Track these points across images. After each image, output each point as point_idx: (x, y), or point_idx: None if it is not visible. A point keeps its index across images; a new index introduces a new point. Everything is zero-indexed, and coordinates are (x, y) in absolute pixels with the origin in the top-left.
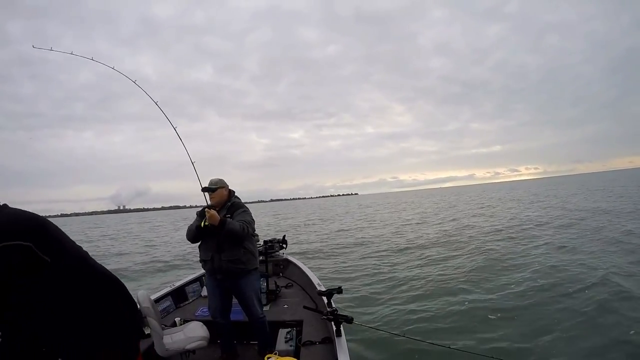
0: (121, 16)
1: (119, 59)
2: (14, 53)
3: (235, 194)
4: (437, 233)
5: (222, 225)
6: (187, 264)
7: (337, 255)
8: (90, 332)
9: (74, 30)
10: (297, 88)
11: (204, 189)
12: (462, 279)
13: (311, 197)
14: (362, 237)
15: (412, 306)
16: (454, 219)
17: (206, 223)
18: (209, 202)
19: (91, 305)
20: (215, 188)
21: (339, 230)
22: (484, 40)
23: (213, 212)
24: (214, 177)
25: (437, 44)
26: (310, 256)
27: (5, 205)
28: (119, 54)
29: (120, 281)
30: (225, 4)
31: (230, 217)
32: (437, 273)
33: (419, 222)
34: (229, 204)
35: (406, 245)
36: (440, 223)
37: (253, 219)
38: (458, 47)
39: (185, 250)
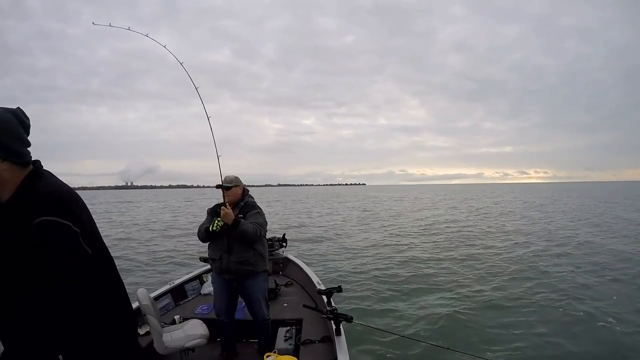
0: None
1: (138, 38)
2: (33, 27)
3: (249, 193)
4: (441, 235)
5: (235, 225)
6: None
7: (337, 254)
8: (95, 337)
9: (92, 8)
10: (311, 76)
11: (218, 186)
12: (463, 280)
13: (319, 185)
14: (364, 237)
15: (412, 306)
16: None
17: (216, 226)
18: (222, 199)
19: (102, 311)
20: (230, 186)
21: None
22: (502, 39)
23: (227, 210)
24: (229, 174)
25: (455, 41)
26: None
27: (50, 174)
28: (137, 33)
29: (127, 295)
30: None
31: (242, 217)
32: (438, 273)
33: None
34: (242, 203)
35: (407, 246)
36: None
37: (266, 221)
38: (476, 44)
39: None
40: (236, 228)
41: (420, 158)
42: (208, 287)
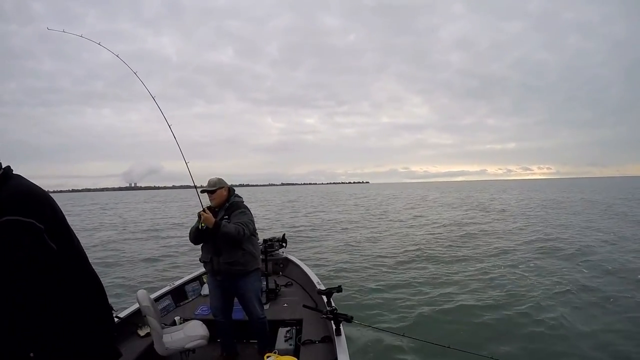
0: None
1: (141, 40)
2: (37, 30)
3: (236, 193)
4: (434, 234)
5: (217, 227)
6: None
7: (339, 254)
8: (67, 334)
9: (97, 10)
10: (313, 75)
11: (202, 191)
12: (463, 280)
13: (322, 183)
14: (365, 238)
15: (412, 305)
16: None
17: (203, 225)
18: (203, 203)
19: (74, 307)
20: (214, 190)
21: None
22: (504, 36)
23: (207, 215)
24: (212, 178)
25: (457, 38)
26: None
27: (19, 176)
28: (142, 34)
29: (103, 288)
30: None
31: (228, 218)
32: (437, 273)
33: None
34: (228, 204)
35: (408, 246)
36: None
37: (252, 220)
38: (478, 42)
39: None
40: (218, 231)
41: (424, 155)
42: (208, 288)
